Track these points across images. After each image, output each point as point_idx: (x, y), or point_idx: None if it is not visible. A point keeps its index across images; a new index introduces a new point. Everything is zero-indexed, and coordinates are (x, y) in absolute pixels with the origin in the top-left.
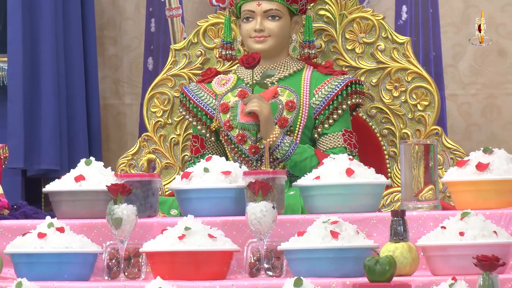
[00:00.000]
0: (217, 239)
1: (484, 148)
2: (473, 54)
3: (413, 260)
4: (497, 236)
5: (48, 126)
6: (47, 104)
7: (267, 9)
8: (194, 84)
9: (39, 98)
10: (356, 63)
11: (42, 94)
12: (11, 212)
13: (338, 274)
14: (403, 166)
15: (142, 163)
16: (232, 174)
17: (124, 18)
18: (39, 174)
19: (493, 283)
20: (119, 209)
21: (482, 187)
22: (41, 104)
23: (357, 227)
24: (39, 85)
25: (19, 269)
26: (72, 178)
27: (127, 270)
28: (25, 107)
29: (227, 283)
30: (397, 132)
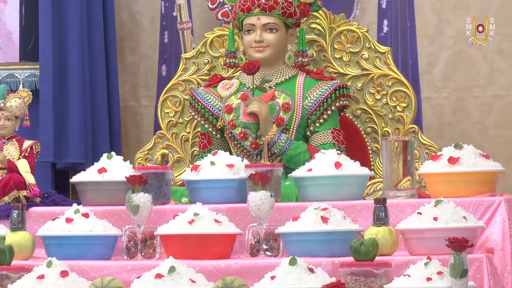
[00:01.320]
0: (222, 223)
1: (455, 144)
2: (445, 62)
3: (393, 242)
4: (466, 221)
5: (75, 125)
6: (74, 106)
7: (266, 23)
8: (202, 88)
9: (67, 100)
10: (343, 70)
11: (69, 97)
12: (42, 200)
13: (327, 254)
14: (384, 159)
15: (157, 157)
16: (235, 167)
17: (141, 30)
18: (67, 166)
19: (463, 262)
20: (137, 197)
21: (453, 178)
22: (68, 105)
23: (344, 213)
24: (67, 89)
25: (49, 250)
26: (96, 170)
27: (144, 251)
28: (55, 108)
29: (230, 262)
30: (379, 130)
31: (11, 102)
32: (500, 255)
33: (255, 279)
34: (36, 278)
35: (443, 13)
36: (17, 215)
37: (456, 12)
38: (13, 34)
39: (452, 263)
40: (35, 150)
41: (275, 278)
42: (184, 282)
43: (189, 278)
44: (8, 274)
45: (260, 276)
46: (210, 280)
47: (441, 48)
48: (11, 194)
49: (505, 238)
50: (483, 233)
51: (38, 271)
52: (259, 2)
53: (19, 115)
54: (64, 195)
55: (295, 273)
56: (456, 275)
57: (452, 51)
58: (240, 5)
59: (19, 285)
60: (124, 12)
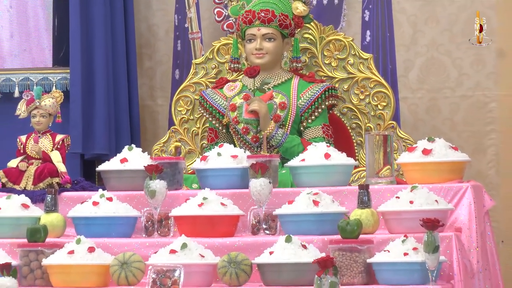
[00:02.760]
0: (227, 206)
1: (428, 137)
2: (420, 67)
3: (375, 222)
4: (438, 204)
5: (100, 121)
6: (99, 105)
7: (265, 33)
8: (210, 90)
9: (93, 100)
10: (332, 73)
11: (95, 97)
12: (72, 186)
13: (318, 233)
14: (367, 151)
15: (171, 149)
16: (239, 158)
17: (157, 39)
18: (93, 157)
19: (435, 239)
20: (153, 183)
21: (427, 167)
22: (95, 104)
23: (333, 197)
24: (93, 90)
25: (78, 229)
26: (118, 160)
27: (160, 230)
28: (83, 107)
29: (234, 239)
30: (363, 126)
31: (45, 102)
32: (467, 233)
33: (256, 254)
34: (67, 253)
35: (418, 25)
36: (50, 199)
37: (429, 25)
38: (47, 43)
39: (425, 240)
40: (66, 143)
41: (273, 253)
42: (195, 257)
43: (199, 253)
44: (43, 250)
45: (260, 252)
46: (217, 255)
47: (416, 55)
48: (45, 181)
49: (471, 219)
50: (452, 214)
51: (68, 247)
52: (259, 15)
53: (52, 113)
54: (91, 182)
55: (290, 249)
56: (429, 250)
57: (425, 58)
58: (243, 18)
59: (53, 260)
60: (142, 24)
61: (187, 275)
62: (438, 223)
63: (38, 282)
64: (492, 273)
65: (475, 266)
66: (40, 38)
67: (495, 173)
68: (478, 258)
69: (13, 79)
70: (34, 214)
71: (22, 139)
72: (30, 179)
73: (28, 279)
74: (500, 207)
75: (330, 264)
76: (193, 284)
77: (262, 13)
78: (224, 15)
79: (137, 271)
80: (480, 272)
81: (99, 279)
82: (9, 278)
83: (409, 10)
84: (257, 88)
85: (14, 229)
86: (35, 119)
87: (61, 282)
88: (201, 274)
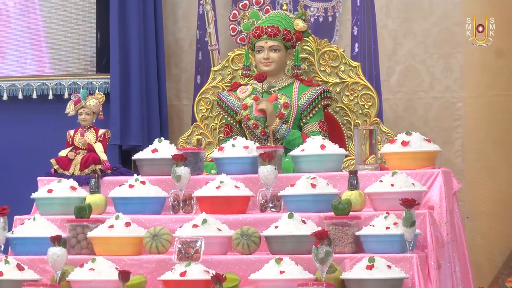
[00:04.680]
0: (240, 188)
1: (406, 132)
2: (399, 73)
3: (362, 202)
4: (414, 186)
5: (135, 118)
6: (134, 105)
7: (271, 45)
8: (226, 92)
9: (129, 101)
10: (326, 79)
11: (131, 99)
12: (112, 172)
13: (315, 210)
14: (356, 143)
15: (193, 141)
16: (250, 148)
17: (182, 51)
18: (129, 148)
19: (412, 216)
20: (179, 169)
21: (405, 156)
22: (130, 105)
23: (327, 181)
24: (129, 93)
25: (117, 207)
26: (150, 150)
27: (184, 208)
28: (121, 106)
29: (246, 216)
30: (352, 122)
31: (90, 102)
32: (438, 211)
33: (264, 228)
34: (107, 227)
35: (397, 39)
36: (94, 182)
37: (407, 38)
38: (91, 54)
39: (404, 216)
40: (107, 136)
41: (278, 227)
42: (213, 230)
43: (216, 227)
44: (88, 225)
45: (267, 226)
46: (231, 228)
47: (396, 64)
48: (90, 168)
49: (442, 199)
50: (426, 195)
51: (109, 222)
52: (266, 31)
53: (95, 111)
54: (128, 168)
55: (292, 224)
56: (407, 225)
57: (404, 66)
58: (253, 33)
59: (96, 232)
60: (170, 38)
61: (207, 245)
62: (415, 202)
63: (84, 252)
64: (459, 243)
65: (445, 238)
66: (86, 50)
67: (461, 161)
68: (448, 231)
69: (63, 83)
70: (80, 195)
71: (71, 133)
72: (77, 166)
73: (75, 249)
74: (465, 189)
75: (325, 236)
76: (212, 253)
77: (269, 29)
78: (237, 31)
79: (166, 242)
80: (449, 243)
81: (134, 248)
82: (60, 248)
83: (390, 26)
84: (265, 91)
85: (64, 207)
86: (81, 116)
87: (103, 251)
88: (219, 245)
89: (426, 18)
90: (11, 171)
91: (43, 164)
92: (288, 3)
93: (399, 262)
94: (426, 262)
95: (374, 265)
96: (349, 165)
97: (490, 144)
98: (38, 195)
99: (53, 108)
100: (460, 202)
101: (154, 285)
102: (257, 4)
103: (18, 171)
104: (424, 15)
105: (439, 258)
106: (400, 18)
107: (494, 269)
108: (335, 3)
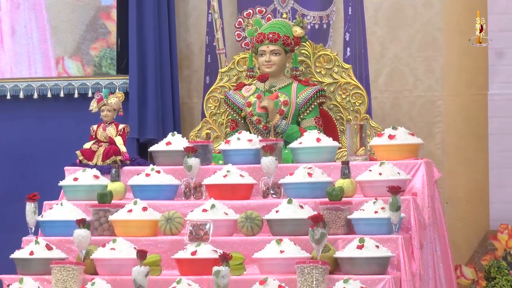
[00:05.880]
0: (244, 177)
1: (392, 126)
2: (386, 75)
3: (354, 189)
4: (399, 175)
5: (151, 114)
6: (150, 103)
7: (272, 49)
8: (232, 91)
9: (146, 99)
10: (322, 79)
11: (147, 97)
12: (131, 162)
13: (312, 196)
14: (348, 136)
15: (203, 135)
16: (253, 141)
17: (193, 55)
18: (146, 141)
19: (397, 201)
20: (190, 160)
21: (392, 148)
22: (147, 102)
23: (322, 170)
24: (146, 92)
25: (135, 194)
26: (164, 143)
27: (195, 194)
28: (138, 104)
29: (250, 201)
30: (344, 118)
31: (111, 100)
32: (421, 197)
33: (266, 212)
34: (127, 211)
35: (385, 44)
36: (114, 171)
37: (393, 43)
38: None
39: (390, 202)
40: (126, 130)
41: (278, 211)
42: (220, 214)
43: (223, 212)
44: (109, 209)
45: (269, 210)
46: (237, 213)
47: (383, 66)
48: (111, 158)
49: (424, 186)
50: (410, 183)
51: (128, 207)
52: (268, 36)
53: (116, 108)
54: (144, 159)
55: (291, 209)
56: (393, 209)
57: (390, 68)
58: (256, 38)
59: (116, 216)
60: (182, 43)
61: (215, 227)
62: (400, 189)
63: (106, 233)
64: (439, 226)
65: (427, 221)
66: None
67: (441, 153)
68: (429, 215)
69: (87, 83)
70: (103, 183)
71: (94, 127)
72: (100, 157)
73: (98, 230)
74: (445, 177)
75: (320, 219)
76: (219, 235)
77: (270, 35)
78: (242, 36)
79: (178, 224)
80: (431, 225)
81: (150, 230)
82: (84, 230)
83: (379, 33)
84: (267, 90)
85: (88, 194)
86: (103, 113)
87: (122, 233)
88: (225, 227)
89: (410, 26)
90: (41, 162)
91: (69, 156)
92: (288, 12)
93: (386, 243)
94: (410, 243)
95: (364, 245)
96: (342, 156)
97: (467, 138)
98: (65, 183)
99: (78, 106)
100: (440, 189)
101: (168, 263)
102: (260, 13)
103: (47, 162)
104: (409, 23)
105: (422, 239)
106: (387, 26)
107: (470, 249)
108: (329, 12)
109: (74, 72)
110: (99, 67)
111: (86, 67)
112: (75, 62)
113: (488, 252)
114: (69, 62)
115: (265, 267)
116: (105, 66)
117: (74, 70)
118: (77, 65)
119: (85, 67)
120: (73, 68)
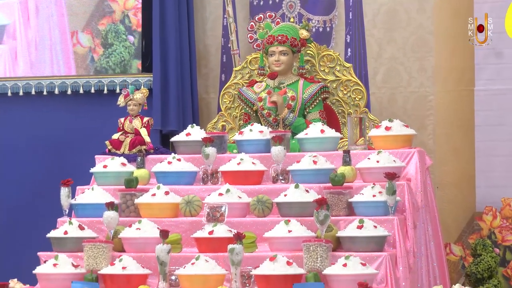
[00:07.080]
0: (256, 164)
1: (389, 119)
2: (383, 73)
3: (354, 175)
4: (395, 163)
5: (173, 108)
6: (172, 98)
7: (281, 50)
8: (245, 87)
9: (168, 95)
10: (325, 77)
11: (169, 93)
12: (154, 151)
13: (316, 182)
14: (349, 128)
15: (219, 127)
16: (264, 132)
17: (210, 54)
18: (168, 132)
19: (393, 186)
20: (208, 149)
21: (388, 138)
22: (169, 98)
23: (326, 158)
24: (168, 88)
25: (158, 179)
26: (184, 134)
27: (211, 180)
28: (161, 99)
29: (261, 186)
30: (346, 111)
31: (137, 95)
32: (414, 182)
33: (275, 196)
34: (151, 195)
35: (382, 45)
36: (140, 159)
37: (389, 45)
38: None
39: (387, 186)
40: (150, 122)
41: (287, 195)
42: (235, 198)
43: (237, 195)
44: (135, 193)
45: (278, 194)
46: (249, 196)
47: (381, 65)
48: (136, 148)
49: (417, 172)
50: (404, 169)
51: (152, 192)
52: (277, 38)
53: (141, 103)
54: (167, 148)
55: (298, 193)
56: (389, 193)
57: (387, 67)
58: (266, 40)
59: (141, 200)
60: (200, 45)
61: (230, 210)
62: (395, 175)
63: (132, 215)
64: (431, 208)
65: (419, 204)
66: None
67: (432, 143)
68: (422, 198)
69: (115, 81)
70: (129, 170)
71: (121, 120)
72: (127, 146)
73: (125, 212)
74: (435, 165)
75: (324, 202)
76: (234, 216)
77: (279, 37)
78: (254, 39)
79: (197, 207)
80: (423, 207)
81: (172, 212)
82: (113, 212)
83: (376, 35)
84: (276, 86)
85: (116, 179)
86: (130, 107)
87: (147, 214)
88: (239, 210)
89: (405, 29)
90: (74, 151)
91: (99, 145)
92: (295, 17)
93: (383, 223)
94: (405, 223)
95: (363, 225)
96: (343, 146)
97: (456, 130)
98: (95, 170)
99: (107, 101)
100: (432, 175)
101: (188, 242)
102: (270, 17)
103: (80, 150)
104: (403, 26)
105: (415, 220)
106: (384, 29)
107: (459, 229)
108: (332, 16)
109: (85, 43)
110: (106, 38)
111: (95, 39)
112: (86, 35)
113: (475, 231)
114: (81, 35)
115: (275, 245)
116: (110, 38)
117: (86, 41)
118: (88, 37)
119: (94, 39)
120: (85, 40)
